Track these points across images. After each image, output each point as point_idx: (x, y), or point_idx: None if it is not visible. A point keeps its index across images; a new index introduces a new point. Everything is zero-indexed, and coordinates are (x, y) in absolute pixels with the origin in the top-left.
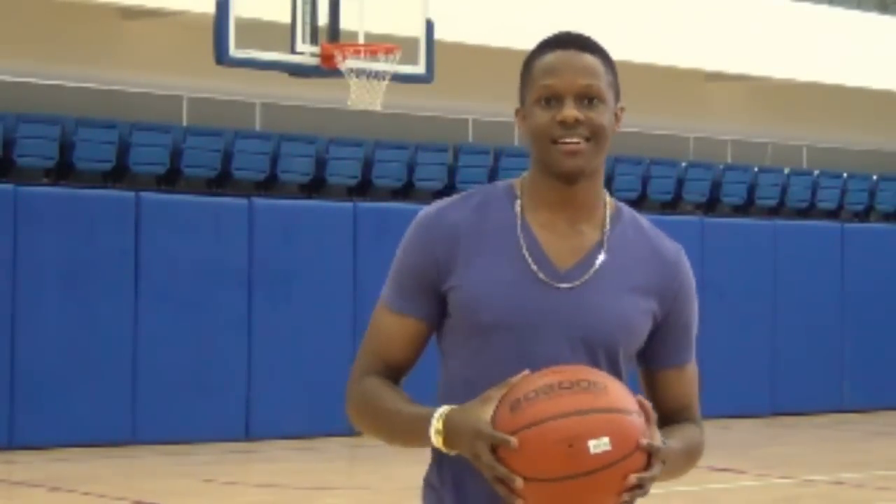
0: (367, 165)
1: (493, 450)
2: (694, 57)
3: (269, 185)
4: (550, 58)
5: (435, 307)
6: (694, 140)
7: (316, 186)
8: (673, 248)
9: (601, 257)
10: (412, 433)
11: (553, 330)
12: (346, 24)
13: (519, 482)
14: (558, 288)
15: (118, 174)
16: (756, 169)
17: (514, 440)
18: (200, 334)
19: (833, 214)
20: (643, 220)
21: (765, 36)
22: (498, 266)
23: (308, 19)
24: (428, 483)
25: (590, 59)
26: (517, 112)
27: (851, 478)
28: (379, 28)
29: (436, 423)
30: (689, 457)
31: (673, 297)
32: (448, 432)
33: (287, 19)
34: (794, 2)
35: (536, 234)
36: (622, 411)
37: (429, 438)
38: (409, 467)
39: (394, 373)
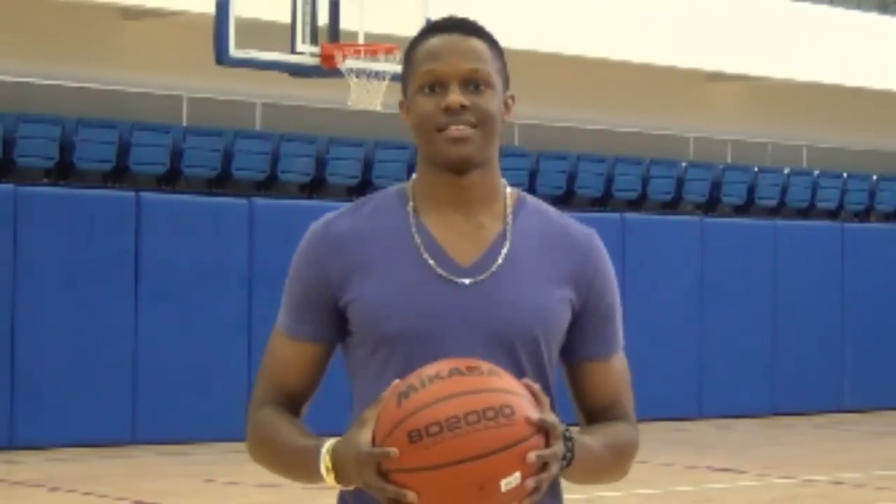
0: (367, 165)
1: (384, 471)
2: (694, 57)
3: (270, 185)
4: (433, 42)
5: (331, 327)
6: (694, 140)
7: (316, 186)
8: (584, 233)
9: (506, 248)
10: (305, 469)
11: (463, 329)
12: (346, 24)
13: (411, 496)
14: (463, 284)
15: (118, 174)
16: (756, 169)
17: (393, 450)
18: (200, 334)
19: (833, 214)
20: (550, 208)
21: (765, 36)
22: (396, 271)
23: (308, 19)
24: (342, 498)
25: (476, 43)
26: (401, 104)
27: (851, 478)
28: (379, 28)
29: (325, 461)
30: (618, 455)
31: (588, 283)
32: (337, 467)
33: (287, 19)
34: (794, 2)
35: (433, 233)
36: (508, 392)
37: (322, 476)
38: None
39: (293, 401)
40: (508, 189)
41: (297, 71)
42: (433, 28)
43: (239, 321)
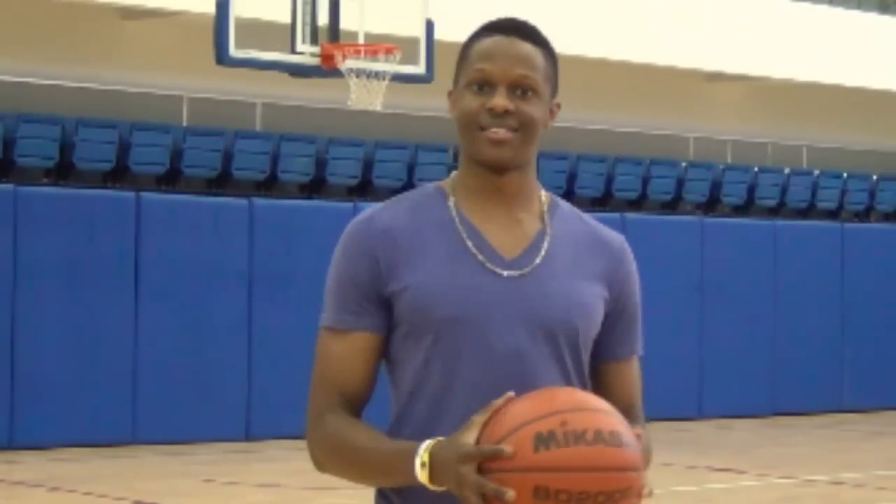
0: (367, 165)
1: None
2: (694, 57)
3: (270, 185)
4: (489, 42)
5: (381, 316)
6: (694, 140)
7: (316, 186)
8: (617, 237)
9: (546, 244)
10: (391, 470)
11: (509, 320)
12: (346, 24)
13: (511, 494)
14: (509, 276)
15: (118, 174)
16: (756, 169)
17: (508, 448)
18: (200, 334)
19: (833, 214)
20: (580, 211)
21: (765, 36)
22: (444, 262)
23: (308, 19)
24: (382, 493)
25: (529, 49)
26: (449, 94)
27: (851, 478)
28: (379, 28)
29: (422, 455)
30: (647, 461)
31: (620, 284)
32: (434, 463)
33: (287, 19)
34: (794, 2)
35: (477, 226)
36: (636, 470)
37: (410, 474)
38: None
39: (353, 404)
40: (543, 192)
41: (297, 71)
42: (492, 27)
43: (239, 321)
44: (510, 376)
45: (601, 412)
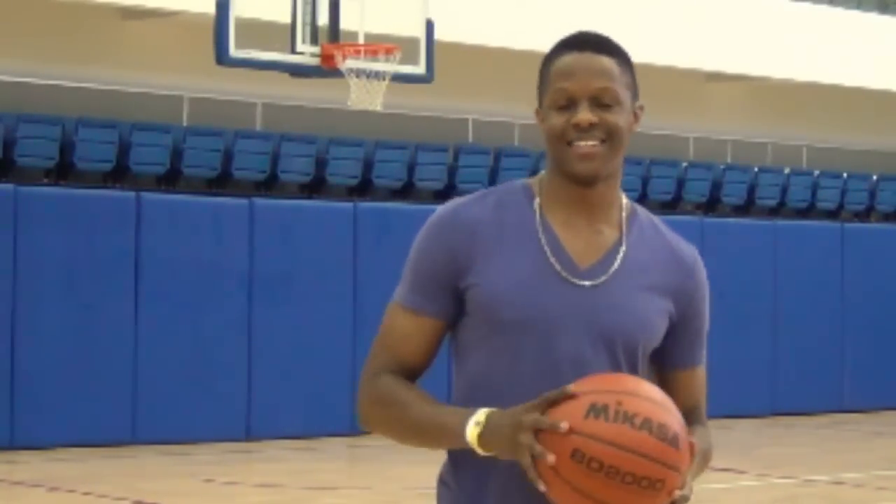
0: (367, 165)
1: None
2: (694, 57)
3: (270, 185)
4: (566, 60)
5: (452, 305)
6: (694, 140)
7: (316, 186)
8: (690, 250)
9: (620, 256)
10: (441, 430)
11: (574, 327)
12: (346, 24)
13: (551, 457)
14: (580, 285)
15: (118, 174)
16: (756, 169)
17: (564, 424)
18: (200, 334)
19: (833, 214)
20: (659, 221)
21: (765, 36)
22: (518, 263)
23: (308, 19)
24: (443, 481)
25: (606, 62)
26: (537, 112)
27: (851, 478)
28: (379, 28)
29: (478, 415)
30: (706, 461)
31: (689, 298)
32: (489, 424)
33: (287, 19)
34: (794, 2)
35: (556, 232)
36: (672, 468)
37: (460, 436)
38: (409, 467)
39: (408, 374)
40: (624, 199)
41: (297, 71)
42: (566, 45)
43: (239, 321)
44: (569, 382)
45: (658, 405)
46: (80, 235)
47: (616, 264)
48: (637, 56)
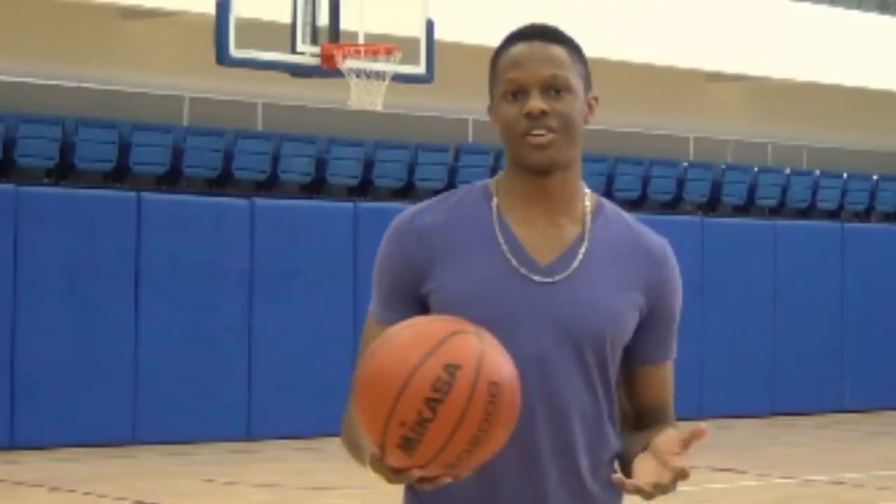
0: (367, 165)
1: None
2: (694, 57)
3: (270, 185)
4: (515, 51)
5: (419, 313)
6: (694, 140)
7: (316, 186)
8: (658, 242)
9: (582, 251)
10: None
11: (536, 326)
12: (346, 24)
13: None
14: (541, 283)
15: (119, 174)
16: (756, 169)
17: (416, 472)
18: (200, 334)
19: (833, 214)
20: (626, 214)
21: (765, 36)
22: (477, 265)
23: (308, 19)
24: (409, 487)
25: (555, 50)
26: (489, 109)
27: (851, 478)
28: (379, 28)
29: (369, 470)
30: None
31: (658, 291)
32: (372, 459)
33: (287, 19)
34: (794, 2)
35: (514, 230)
36: None
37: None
38: None
39: None
40: (588, 192)
41: (298, 71)
42: (515, 36)
43: (239, 321)
44: (532, 382)
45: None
46: (80, 235)
47: (578, 259)
48: (637, 56)
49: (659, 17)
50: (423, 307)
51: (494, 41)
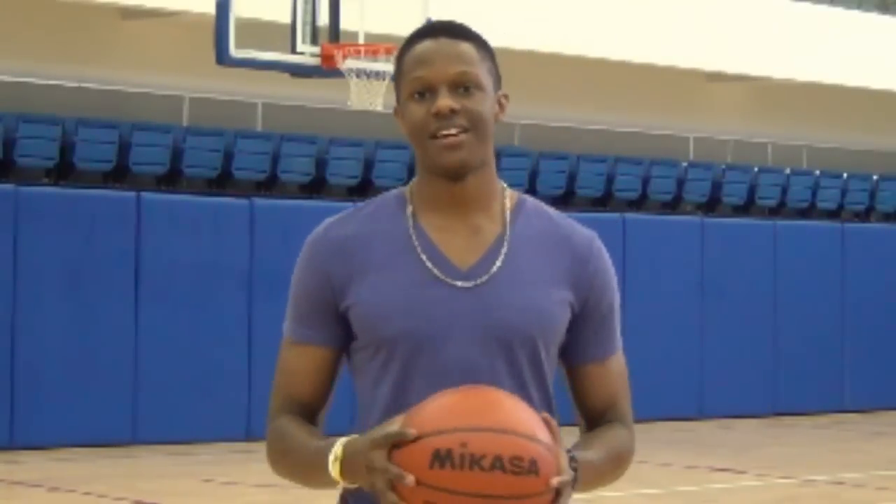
0: (367, 165)
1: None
2: (694, 57)
3: (270, 185)
4: (421, 48)
5: (337, 331)
6: (694, 140)
7: (316, 186)
8: (585, 235)
9: (504, 251)
10: (315, 468)
11: (461, 332)
12: (346, 24)
13: (410, 479)
14: (461, 287)
15: (118, 174)
16: (756, 169)
17: (410, 478)
18: (200, 334)
19: (833, 214)
20: (550, 209)
21: (765, 36)
22: (396, 275)
23: (308, 19)
24: (343, 499)
25: (463, 47)
26: (395, 111)
27: (851, 478)
28: (379, 28)
29: (335, 450)
30: (616, 463)
31: (588, 285)
32: (346, 455)
33: (287, 19)
34: (794, 2)
35: (431, 236)
36: (535, 494)
37: (329, 474)
38: None
39: (307, 411)
40: (507, 191)
41: (298, 71)
42: (420, 34)
43: (239, 321)
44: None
45: (506, 434)
46: (80, 235)
47: (500, 260)
48: (637, 56)
49: (659, 17)
50: (343, 324)
51: (494, 41)
